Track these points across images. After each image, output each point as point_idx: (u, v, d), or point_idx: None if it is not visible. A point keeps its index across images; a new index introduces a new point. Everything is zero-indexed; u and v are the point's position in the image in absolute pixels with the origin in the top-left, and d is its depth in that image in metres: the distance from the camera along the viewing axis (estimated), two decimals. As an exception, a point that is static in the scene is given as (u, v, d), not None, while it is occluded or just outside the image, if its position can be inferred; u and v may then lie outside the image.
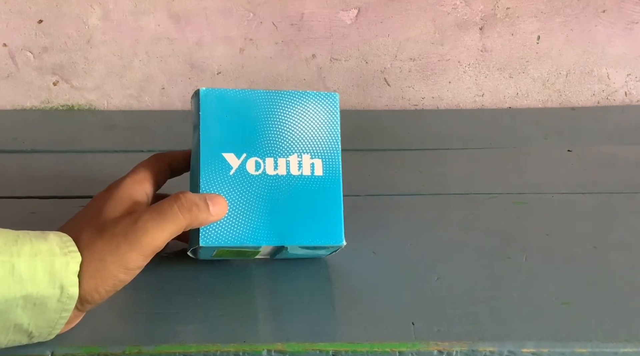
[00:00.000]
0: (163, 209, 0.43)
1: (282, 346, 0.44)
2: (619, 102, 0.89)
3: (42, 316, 0.40)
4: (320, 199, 0.48)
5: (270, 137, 0.48)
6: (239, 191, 0.47)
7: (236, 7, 0.83)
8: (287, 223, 0.47)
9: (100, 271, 0.41)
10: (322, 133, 0.49)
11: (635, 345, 0.44)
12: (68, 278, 0.40)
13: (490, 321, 0.46)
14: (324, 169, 0.48)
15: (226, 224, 0.46)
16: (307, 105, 0.49)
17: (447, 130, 0.81)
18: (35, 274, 0.39)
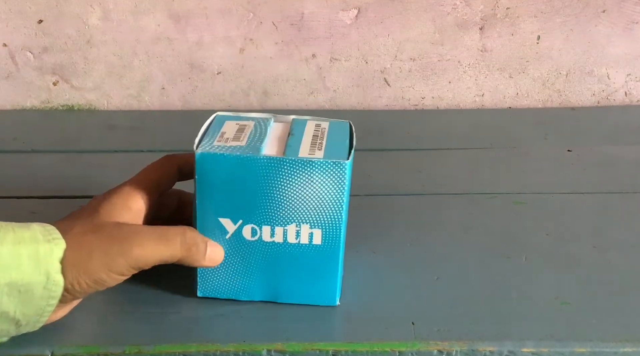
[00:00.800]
0: (166, 236, 0.43)
1: (282, 346, 0.44)
2: (619, 102, 0.89)
3: (29, 303, 0.40)
4: (317, 265, 0.47)
5: (269, 205, 0.45)
6: (235, 253, 0.47)
7: (236, 7, 0.83)
8: (281, 283, 0.47)
9: (84, 263, 0.41)
10: (325, 203, 0.45)
11: (635, 344, 0.44)
12: (53, 264, 0.40)
13: (490, 321, 0.46)
14: (323, 238, 0.46)
15: (222, 279, 0.47)
16: (311, 174, 0.44)
17: (447, 130, 0.81)
18: (20, 260, 0.39)
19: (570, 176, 0.69)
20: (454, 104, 0.89)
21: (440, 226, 0.59)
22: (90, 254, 0.41)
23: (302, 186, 0.44)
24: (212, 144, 0.45)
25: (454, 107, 0.89)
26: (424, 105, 0.89)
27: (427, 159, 0.73)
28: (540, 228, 0.58)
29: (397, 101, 0.88)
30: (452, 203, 0.63)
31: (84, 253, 0.41)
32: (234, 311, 0.47)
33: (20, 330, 0.41)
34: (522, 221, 0.60)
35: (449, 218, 0.60)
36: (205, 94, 0.87)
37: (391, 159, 0.73)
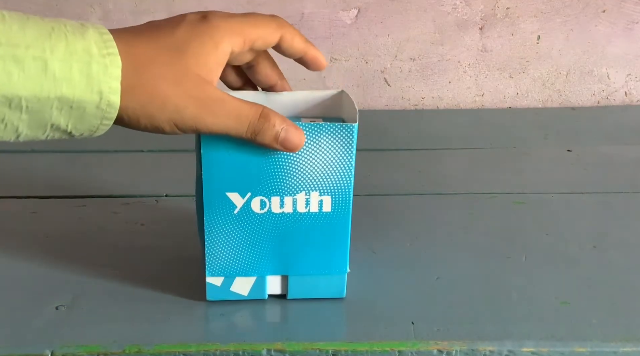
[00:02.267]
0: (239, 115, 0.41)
1: (282, 346, 0.44)
2: (619, 102, 0.89)
3: (81, 120, 0.38)
4: (327, 233, 0.46)
5: (277, 176, 0.44)
6: (243, 228, 0.46)
7: (236, 7, 0.83)
8: (292, 255, 0.47)
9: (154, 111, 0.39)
10: (334, 169, 0.44)
11: (635, 344, 0.44)
12: (107, 84, 0.37)
13: (490, 321, 0.46)
14: (333, 205, 0.45)
15: (231, 257, 0.47)
16: (319, 139, 0.44)
17: (447, 130, 0.81)
18: (71, 75, 0.37)
19: (570, 176, 0.69)
20: (454, 104, 0.89)
21: (440, 226, 0.59)
22: (164, 106, 0.39)
23: (310, 152, 0.44)
24: None
25: (454, 107, 0.89)
26: (424, 105, 0.89)
27: (427, 159, 0.73)
28: (540, 228, 0.58)
29: (397, 101, 0.88)
30: (452, 203, 0.63)
31: (157, 99, 0.39)
32: (234, 311, 0.47)
33: (74, 138, 0.40)
34: (522, 221, 0.60)
35: (449, 218, 0.60)
36: (205, 94, 0.87)
37: (391, 159, 0.73)
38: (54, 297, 0.48)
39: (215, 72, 0.42)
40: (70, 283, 0.50)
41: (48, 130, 0.38)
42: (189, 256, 0.52)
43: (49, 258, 0.53)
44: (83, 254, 0.54)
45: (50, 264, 0.52)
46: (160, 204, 0.62)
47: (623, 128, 0.81)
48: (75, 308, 0.47)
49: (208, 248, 0.46)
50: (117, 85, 0.38)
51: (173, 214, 0.60)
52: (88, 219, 0.59)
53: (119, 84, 0.38)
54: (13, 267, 0.52)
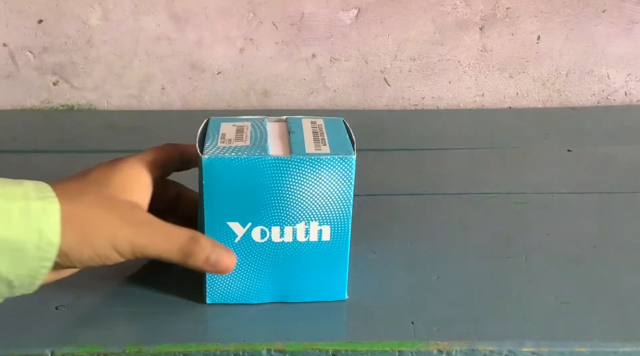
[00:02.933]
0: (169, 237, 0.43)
1: (281, 346, 0.44)
2: (619, 102, 0.89)
3: (22, 264, 0.38)
4: (326, 261, 0.47)
5: (277, 206, 0.45)
6: (244, 256, 0.46)
7: (236, 7, 0.83)
8: (291, 283, 0.47)
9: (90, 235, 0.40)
10: (333, 200, 0.45)
11: (635, 344, 0.44)
12: (46, 221, 0.38)
13: (490, 321, 0.46)
14: (332, 234, 0.46)
15: (231, 284, 0.47)
16: (319, 172, 0.44)
17: (447, 130, 0.81)
18: (10, 216, 0.37)
19: (570, 176, 0.69)
20: (454, 104, 0.89)
21: (440, 226, 0.59)
22: (98, 230, 0.40)
23: (310, 184, 0.44)
24: (216, 147, 0.44)
25: (454, 107, 0.89)
26: (424, 105, 0.89)
27: (427, 159, 0.73)
28: (540, 228, 0.58)
29: (397, 101, 0.88)
30: (452, 203, 0.63)
31: (91, 226, 0.40)
32: (234, 311, 0.47)
33: (13, 291, 0.40)
34: (522, 221, 0.60)
35: (449, 218, 0.60)
36: (205, 94, 0.87)
37: (391, 159, 0.73)
38: (54, 297, 0.48)
39: (142, 195, 0.44)
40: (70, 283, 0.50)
41: None
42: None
43: (49, 258, 0.53)
44: (83, 254, 0.53)
45: (50, 264, 0.52)
46: (160, 204, 0.62)
47: (623, 128, 0.81)
48: (75, 308, 0.47)
49: (208, 275, 0.47)
50: (57, 221, 0.39)
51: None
52: (88, 219, 0.59)
53: (58, 220, 0.39)
54: (13, 267, 0.52)
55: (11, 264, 0.38)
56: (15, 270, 0.38)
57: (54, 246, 0.39)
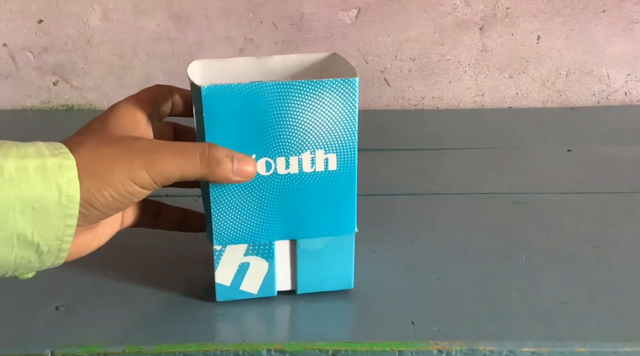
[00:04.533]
0: (185, 150, 0.41)
1: (281, 346, 0.44)
2: (619, 102, 0.89)
3: (45, 223, 0.38)
4: (333, 192, 0.46)
5: (281, 135, 0.43)
6: (250, 191, 0.45)
7: (236, 7, 0.83)
8: (300, 217, 0.46)
9: (106, 174, 0.39)
10: (338, 125, 0.44)
11: (634, 344, 0.44)
12: (63, 176, 0.38)
13: (490, 321, 0.46)
14: (339, 163, 0.45)
15: (238, 223, 0.45)
16: (322, 95, 0.43)
17: (447, 130, 0.81)
18: (27, 174, 0.37)
19: (570, 176, 0.69)
20: (454, 104, 0.89)
21: (440, 226, 0.59)
22: (112, 166, 0.40)
23: (314, 109, 0.43)
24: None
25: (454, 107, 0.89)
26: (424, 105, 0.89)
27: (427, 159, 0.73)
28: (540, 228, 0.58)
29: (397, 101, 0.88)
30: (452, 203, 0.63)
31: (104, 165, 0.40)
32: (234, 311, 0.47)
33: (43, 259, 0.39)
34: (522, 221, 0.60)
35: (449, 218, 0.60)
36: (205, 94, 0.87)
37: (391, 159, 0.73)
38: (54, 297, 0.48)
39: (142, 130, 0.44)
40: (70, 283, 0.50)
41: (15, 244, 0.38)
42: (190, 256, 0.52)
43: (49, 258, 0.53)
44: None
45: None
46: (160, 204, 0.62)
47: (623, 128, 0.81)
48: (75, 308, 0.47)
49: (214, 215, 0.45)
50: (74, 175, 0.38)
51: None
52: (88, 219, 0.59)
53: (75, 174, 0.38)
54: (13, 267, 0.52)
55: (35, 223, 0.37)
56: (40, 231, 0.38)
57: (75, 201, 0.38)
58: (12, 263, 0.38)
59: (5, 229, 0.37)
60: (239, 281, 0.47)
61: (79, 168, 0.39)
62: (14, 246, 0.38)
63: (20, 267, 0.39)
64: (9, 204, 0.37)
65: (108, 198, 0.40)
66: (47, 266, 0.40)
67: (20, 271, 0.40)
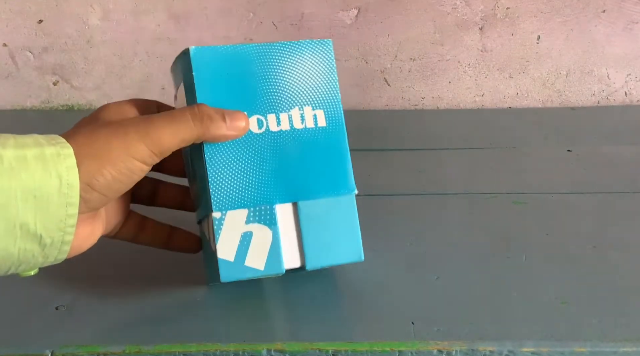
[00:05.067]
0: (175, 115, 0.42)
1: (281, 346, 0.44)
2: (619, 102, 0.89)
3: (47, 212, 0.38)
4: (326, 150, 0.47)
5: (269, 92, 0.46)
6: (245, 150, 0.45)
7: (236, 7, 0.83)
8: (297, 177, 0.46)
9: (105, 153, 0.40)
10: (321, 83, 0.48)
11: (635, 344, 0.44)
12: (62, 164, 0.38)
13: (490, 321, 0.46)
14: (327, 119, 0.47)
15: (236, 186, 0.45)
16: (301, 55, 0.47)
17: (447, 130, 0.81)
18: (27, 163, 0.37)
19: (570, 176, 0.69)
20: (454, 104, 0.89)
21: (440, 226, 0.59)
22: (109, 144, 0.40)
23: (296, 68, 0.47)
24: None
25: (454, 107, 0.89)
26: (424, 105, 0.89)
27: (427, 159, 0.73)
28: (540, 228, 0.58)
29: (397, 101, 0.88)
30: (452, 203, 0.63)
31: (101, 144, 0.40)
32: (234, 311, 0.47)
33: (46, 253, 0.39)
34: (522, 221, 0.60)
35: (449, 218, 0.60)
36: (205, 94, 0.87)
37: (391, 159, 0.73)
38: (54, 297, 0.48)
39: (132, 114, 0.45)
40: (70, 283, 0.50)
41: (18, 236, 0.37)
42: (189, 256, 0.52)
43: (49, 258, 0.53)
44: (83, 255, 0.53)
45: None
46: (160, 204, 0.62)
47: (623, 128, 0.81)
48: (75, 308, 0.47)
49: (211, 178, 0.45)
50: (73, 164, 0.39)
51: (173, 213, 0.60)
52: (88, 219, 0.59)
53: (74, 163, 0.39)
54: (13, 267, 0.52)
55: (37, 213, 0.37)
56: (42, 220, 0.38)
57: (75, 189, 0.38)
58: (16, 257, 0.38)
59: (8, 219, 0.37)
60: (243, 254, 0.45)
61: (76, 154, 0.39)
62: (17, 237, 0.37)
63: (23, 262, 0.39)
64: (10, 192, 0.37)
65: (108, 178, 0.40)
66: (50, 261, 0.40)
67: (23, 267, 0.40)
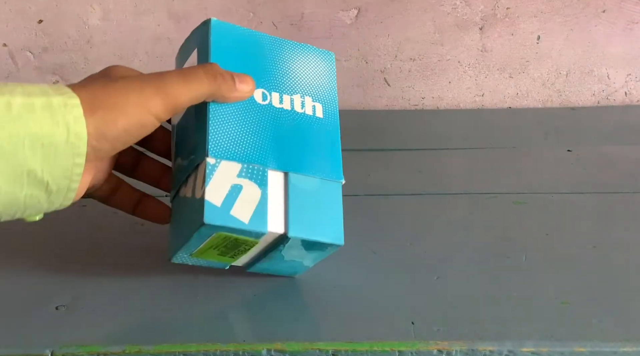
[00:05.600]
0: (189, 71, 0.44)
1: (281, 346, 0.44)
2: (619, 102, 0.89)
3: (54, 160, 0.38)
4: (321, 137, 0.49)
5: (276, 75, 0.49)
6: (246, 114, 0.47)
7: (236, 7, 0.83)
8: (291, 151, 0.48)
9: (121, 105, 0.40)
10: (322, 82, 0.51)
11: (634, 344, 0.44)
12: (70, 114, 0.38)
13: (490, 321, 0.46)
14: (324, 113, 0.50)
15: (234, 139, 0.46)
16: (307, 56, 0.52)
17: (447, 130, 0.81)
18: (34, 112, 0.37)
19: (570, 176, 0.69)
20: (454, 104, 0.89)
21: (440, 226, 0.59)
22: (126, 97, 0.40)
23: (302, 64, 0.52)
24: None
25: (454, 107, 0.89)
26: (424, 105, 0.89)
27: (427, 159, 0.73)
28: (540, 228, 0.58)
29: (397, 101, 0.88)
30: (452, 203, 0.63)
31: (119, 97, 0.40)
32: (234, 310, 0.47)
33: (51, 200, 0.40)
34: (522, 221, 0.60)
35: (449, 218, 0.60)
36: (205, 94, 0.87)
37: (391, 159, 0.73)
38: (54, 297, 0.48)
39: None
40: (70, 283, 0.50)
41: (25, 183, 0.38)
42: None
43: (49, 258, 0.53)
44: (83, 255, 0.54)
45: (50, 264, 0.52)
46: (160, 204, 0.62)
47: (623, 128, 0.81)
48: (75, 308, 0.47)
49: (212, 125, 0.46)
50: (80, 113, 0.39)
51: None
52: (88, 219, 0.59)
53: (81, 113, 0.39)
54: (13, 267, 0.52)
55: (44, 160, 0.38)
56: (50, 168, 0.38)
57: (82, 139, 0.39)
58: (22, 203, 0.39)
59: (16, 165, 0.37)
60: (230, 204, 0.45)
61: (90, 103, 0.39)
62: (24, 184, 0.38)
63: (29, 207, 0.39)
64: (19, 140, 0.37)
65: (121, 129, 0.40)
66: (55, 207, 0.41)
67: (29, 212, 0.40)
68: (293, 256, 0.48)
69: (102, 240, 0.56)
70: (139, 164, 0.51)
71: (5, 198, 0.38)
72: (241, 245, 0.47)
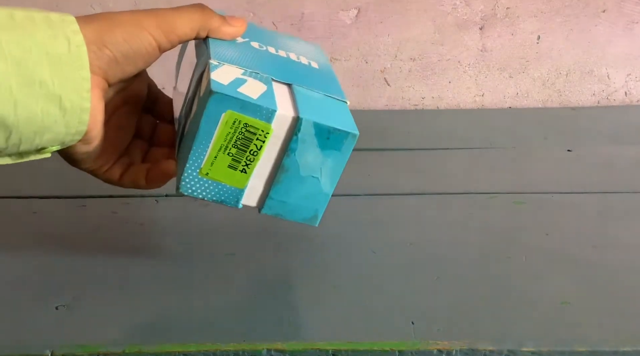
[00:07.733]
0: (183, 7, 0.46)
1: (282, 346, 0.44)
2: (619, 102, 0.89)
3: (61, 71, 0.39)
4: (319, 75, 0.51)
5: (272, 39, 0.53)
6: (245, 49, 0.48)
7: (236, 7, 0.83)
8: (293, 74, 0.49)
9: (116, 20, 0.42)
10: (315, 54, 0.55)
11: (635, 345, 0.44)
12: (68, 28, 0.40)
13: (490, 321, 0.46)
14: (319, 67, 0.52)
15: (235, 58, 0.47)
16: (300, 41, 0.56)
17: (447, 130, 0.81)
18: (35, 24, 0.39)
19: (570, 176, 0.69)
20: (454, 104, 0.89)
21: (440, 226, 0.59)
22: (120, 14, 0.43)
23: (296, 44, 0.55)
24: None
25: (454, 107, 0.89)
26: (424, 105, 0.89)
27: (427, 159, 0.73)
28: (540, 228, 0.58)
29: (397, 101, 0.88)
30: (452, 203, 0.63)
31: (112, 15, 0.43)
32: (234, 310, 0.47)
33: (67, 120, 0.41)
34: (522, 221, 0.60)
35: (449, 218, 0.60)
36: (205, 94, 0.87)
37: (391, 159, 0.73)
38: (54, 297, 0.48)
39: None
40: (70, 283, 0.50)
41: (39, 94, 0.39)
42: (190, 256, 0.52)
43: (49, 258, 0.53)
44: (83, 254, 0.54)
45: (50, 264, 0.52)
46: (160, 204, 0.62)
47: (623, 128, 0.81)
48: (75, 308, 0.47)
49: (212, 48, 0.47)
50: (77, 28, 0.41)
51: (173, 214, 0.60)
52: (88, 219, 0.59)
53: (77, 27, 0.41)
54: (13, 267, 0.52)
55: (52, 70, 0.39)
56: (59, 80, 0.39)
57: (83, 50, 0.40)
58: (40, 119, 0.39)
59: (26, 75, 0.38)
60: (237, 86, 0.44)
61: (85, 18, 0.42)
62: (39, 97, 0.39)
63: (47, 128, 0.40)
64: (25, 47, 0.38)
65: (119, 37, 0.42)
66: (72, 133, 0.41)
67: (47, 137, 0.41)
68: (308, 166, 0.45)
69: (102, 240, 0.56)
70: (157, 130, 0.52)
71: (24, 112, 0.39)
72: (253, 139, 0.44)
